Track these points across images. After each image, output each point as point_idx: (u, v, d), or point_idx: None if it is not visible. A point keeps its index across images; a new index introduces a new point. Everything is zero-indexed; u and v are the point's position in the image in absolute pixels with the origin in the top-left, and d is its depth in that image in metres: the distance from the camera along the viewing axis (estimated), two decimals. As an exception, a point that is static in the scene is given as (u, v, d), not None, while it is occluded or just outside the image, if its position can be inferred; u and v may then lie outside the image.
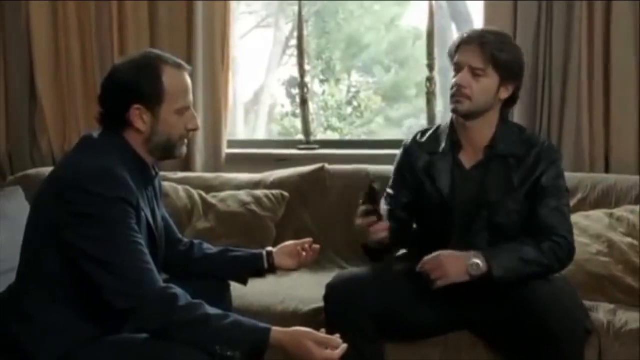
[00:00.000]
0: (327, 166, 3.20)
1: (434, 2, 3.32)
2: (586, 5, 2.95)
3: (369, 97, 4.42)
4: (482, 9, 3.14)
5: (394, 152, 2.48)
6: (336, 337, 1.82)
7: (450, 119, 2.37)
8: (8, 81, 3.64)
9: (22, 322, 1.84)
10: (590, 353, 2.20)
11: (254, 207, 3.05)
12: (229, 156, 3.52)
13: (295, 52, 3.67)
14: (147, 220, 1.93)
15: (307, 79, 3.60)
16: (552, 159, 2.29)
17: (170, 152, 1.97)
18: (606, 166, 3.02)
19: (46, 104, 3.58)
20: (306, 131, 3.57)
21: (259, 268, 2.24)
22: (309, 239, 2.31)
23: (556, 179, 2.27)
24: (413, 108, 4.27)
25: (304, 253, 2.26)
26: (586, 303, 2.36)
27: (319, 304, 2.30)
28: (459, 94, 2.24)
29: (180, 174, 3.33)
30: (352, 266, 2.85)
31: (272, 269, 2.25)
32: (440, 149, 2.34)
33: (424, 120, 3.46)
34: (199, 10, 3.41)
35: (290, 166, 3.29)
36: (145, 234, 1.90)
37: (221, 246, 2.31)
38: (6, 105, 3.65)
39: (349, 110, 4.44)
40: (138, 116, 1.89)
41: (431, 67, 3.33)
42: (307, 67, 3.59)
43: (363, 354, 2.15)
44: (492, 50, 2.21)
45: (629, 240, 2.57)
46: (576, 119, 3.00)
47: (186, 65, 1.97)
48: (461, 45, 2.27)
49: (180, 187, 3.17)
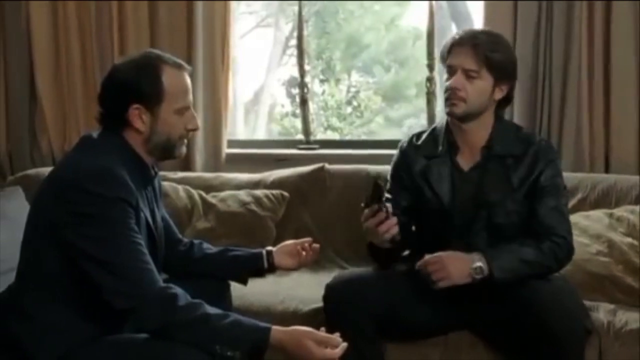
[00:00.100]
0: (327, 166, 3.20)
1: (434, 2, 3.31)
2: (586, 5, 2.95)
3: (368, 97, 4.42)
4: (482, 9, 3.13)
5: (394, 152, 2.47)
6: (336, 336, 1.82)
7: (445, 120, 2.35)
8: (8, 81, 3.63)
9: (22, 321, 1.84)
10: (590, 353, 2.20)
11: (254, 207, 3.05)
12: (229, 156, 3.52)
13: (295, 52, 3.66)
14: (146, 220, 1.93)
15: (307, 78, 3.59)
16: (549, 158, 2.28)
17: (170, 152, 1.97)
18: (606, 166, 3.01)
19: (46, 104, 3.57)
20: (306, 131, 3.57)
21: (259, 267, 2.24)
22: (309, 238, 2.31)
23: (554, 177, 2.27)
24: (413, 108, 4.27)
25: (303, 252, 2.25)
26: (586, 303, 2.35)
27: (319, 304, 2.30)
28: (453, 96, 2.22)
29: (180, 174, 3.32)
30: (353, 266, 2.85)
31: (272, 268, 2.25)
32: (438, 152, 2.32)
33: (424, 120, 3.45)
34: (199, 10, 3.40)
35: (290, 166, 3.29)
36: (144, 234, 1.89)
37: (221, 246, 2.31)
38: (6, 105, 3.64)
39: (348, 110, 4.44)
40: (137, 116, 1.89)
41: (431, 67, 3.32)
42: (307, 67, 3.59)
43: (363, 354, 2.14)
44: (485, 52, 2.19)
45: (629, 240, 2.57)
46: (576, 119, 3.00)
47: (186, 65, 1.97)
48: (453, 47, 2.24)
49: (180, 187, 3.16)
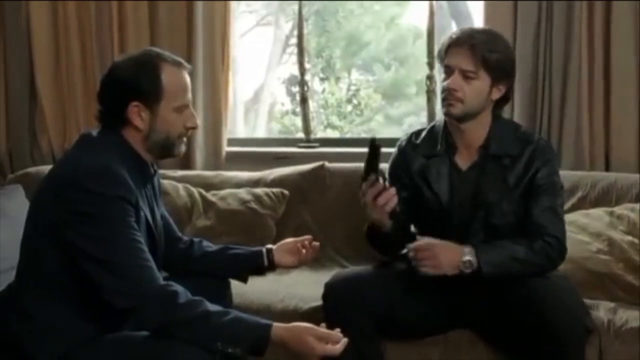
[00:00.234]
0: (327, 164, 3.20)
1: (434, 2, 3.31)
2: (586, 5, 2.95)
3: (369, 95, 4.41)
4: (482, 8, 3.13)
5: (394, 151, 2.47)
6: (337, 332, 1.82)
7: (444, 119, 2.34)
8: (8, 80, 3.63)
9: (22, 321, 1.84)
10: (590, 351, 2.20)
11: (254, 205, 3.05)
12: (229, 154, 3.52)
13: (295, 51, 3.66)
14: (146, 218, 1.93)
15: (307, 77, 3.59)
16: (546, 157, 2.26)
17: (169, 150, 1.97)
18: (606, 165, 3.01)
19: (46, 103, 3.57)
20: (306, 129, 3.57)
21: (259, 265, 2.24)
22: (309, 236, 2.30)
23: (550, 177, 2.25)
24: (413, 106, 4.27)
25: (303, 250, 2.25)
26: (587, 301, 2.35)
27: (319, 302, 2.29)
28: (450, 97, 2.21)
29: (180, 172, 3.32)
30: (353, 264, 2.85)
31: (272, 266, 2.25)
32: (436, 152, 2.31)
33: (424, 118, 3.45)
34: (198, 9, 3.40)
35: (290, 164, 3.29)
36: (144, 232, 1.89)
37: (221, 244, 2.30)
38: (6, 105, 3.64)
39: (349, 108, 4.43)
40: (136, 113, 1.89)
41: (431, 65, 3.31)
42: (307, 66, 3.59)
43: (362, 352, 2.14)
44: (483, 52, 2.18)
45: (629, 238, 2.57)
46: (576, 119, 3.00)
47: (186, 64, 1.96)
48: (451, 47, 2.23)
49: (180, 185, 3.16)
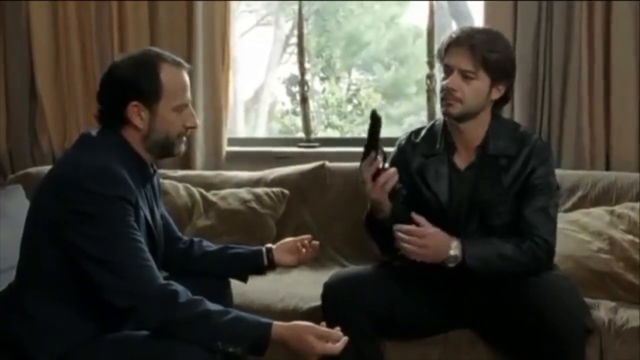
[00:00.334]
0: (328, 164, 3.20)
1: (434, 2, 3.31)
2: (586, 5, 2.94)
3: (369, 95, 4.41)
4: (482, 8, 3.13)
5: (393, 149, 2.47)
6: (337, 331, 1.82)
7: (443, 118, 2.33)
8: (8, 80, 3.63)
9: (22, 320, 1.84)
10: (591, 351, 2.20)
11: (254, 204, 3.05)
12: (229, 154, 3.52)
13: (296, 50, 3.66)
14: (145, 218, 1.93)
15: (308, 77, 3.59)
16: (543, 157, 2.25)
17: (169, 149, 1.97)
18: (607, 165, 3.01)
19: (46, 103, 3.57)
20: (306, 129, 3.56)
21: (259, 265, 2.24)
22: (308, 235, 2.31)
23: (546, 177, 2.24)
24: (413, 106, 4.27)
25: (303, 249, 2.25)
26: (587, 301, 2.35)
27: (319, 301, 2.29)
28: (449, 97, 2.20)
29: (180, 172, 3.32)
30: (353, 264, 2.85)
31: (272, 265, 2.25)
32: (435, 151, 2.31)
33: (424, 117, 3.45)
34: (199, 9, 3.40)
35: (291, 164, 3.29)
36: (144, 232, 1.89)
37: (221, 244, 2.30)
38: (6, 104, 3.64)
39: (349, 108, 4.44)
40: (136, 113, 1.89)
41: (431, 64, 3.30)
42: (307, 65, 3.59)
43: (362, 352, 2.15)
44: (482, 52, 2.16)
45: (629, 237, 2.57)
46: (576, 119, 3.00)
47: (185, 64, 1.96)
48: (450, 47, 2.22)
49: (180, 185, 3.16)
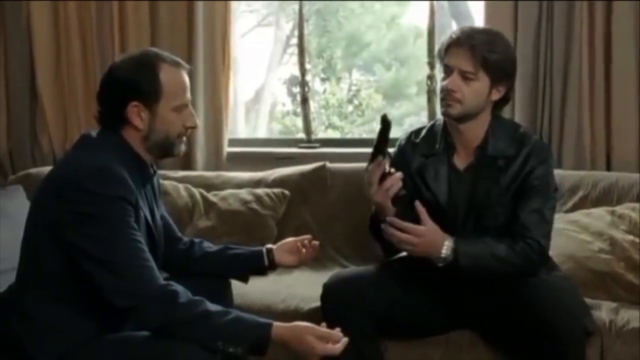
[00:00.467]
0: (328, 164, 3.19)
1: (434, 2, 3.31)
2: (587, 5, 2.94)
3: (369, 96, 4.41)
4: (483, 8, 3.13)
5: (394, 150, 2.47)
6: (337, 331, 1.82)
7: (443, 118, 2.33)
8: (9, 80, 3.63)
9: (23, 321, 1.84)
10: (592, 352, 2.20)
11: (255, 205, 3.05)
12: (230, 155, 3.51)
13: (296, 51, 3.65)
14: (145, 218, 1.93)
15: (308, 77, 3.59)
16: (542, 158, 2.23)
17: (169, 150, 1.97)
18: (607, 165, 3.01)
19: (47, 103, 3.57)
20: (307, 130, 3.56)
21: (260, 265, 2.24)
22: (308, 235, 2.31)
23: (544, 178, 2.22)
24: (414, 106, 4.27)
25: (303, 250, 2.25)
26: (588, 301, 2.36)
27: (320, 302, 2.29)
28: (449, 97, 2.19)
29: (181, 173, 3.32)
30: (353, 264, 2.86)
31: (273, 266, 2.25)
32: (435, 151, 2.30)
33: (424, 118, 3.45)
34: (199, 9, 3.40)
35: (291, 164, 3.29)
36: (144, 232, 1.89)
37: (221, 244, 2.30)
38: (7, 104, 3.64)
39: (349, 108, 4.44)
40: (136, 113, 1.89)
41: (432, 64, 3.30)
42: (307, 66, 3.59)
43: (362, 353, 2.15)
44: (483, 53, 2.15)
45: (630, 237, 2.57)
46: (577, 119, 3.00)
47: (184, 64, 1.97)
48: (450, 47, 2.21)
49: (181, 186, 3.16)
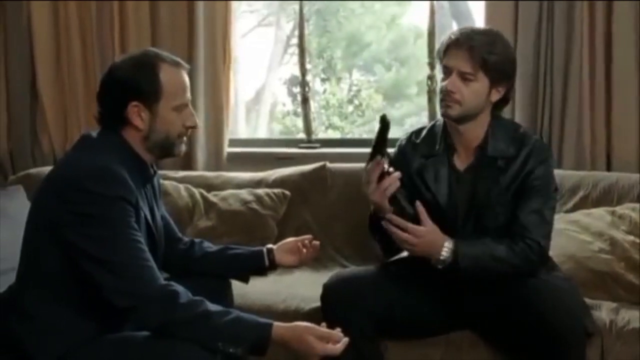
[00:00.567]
0: (329, 165, 3.19)
1: (434, 2, 3.31)
2: (587, 5, 2.94)
3: (370, 96, 4.42)
4: (483, 8, 3.13)
5: (394, 150, 2.47)
6: (337, 331, 1.82)
7: (443, 119, 2.33)
8: (9, 80, 3.63)
9: (23, 321, 1.84)
10: (592, 352, 2.20)
11: (255, 205, 3.05)
12: (230, 155, 3.51)
13: (296, 51, 3.65)
14: (145, 219, 1.93)
15: (308, 77, 3.59)
16: (541, 159, 2.23)
17: (169, 150, 1.97)
18: (608, 165, 3.01)
19: (47, 103, 3.57)
20: (307, 130, 3.56)
21: (260, 265, 2.24)
22: (309, 235, 2.31)
23: (543, 178, 2.22)
24: (414, 106, 4.27)
25: (304, 250, 2.25)
26: (588, 301, 2.36)
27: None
28: (448, 99, 2.19)
29: (181, 173, 3.32)
30: (354, 264, 2.86)
31: (273, 266, 2.25)
32: (435, 152, 2.30)
33: (425, 118, 3.45)
34: (200, 9, 3.40)
35: (292, 165, 3.29)
36: (144, 232, 1.89)
37: (222, 244, 2.30)
38: (7, 104, 3.64)
39: (350, 108, 4.44)
40: (136, 113, 1.89)
41: (432, 65, 3.30)
42: (308, 66, 3.59)
43: (362, 353, 2.15)
44: (482, 54, 2.15)
45: (630, 238, 2.57)
46: (577, 119, 3.00)
47: (184, 64, 1.97)
48: (449, 48, 2.20)
49: (181, 186, 3.16)
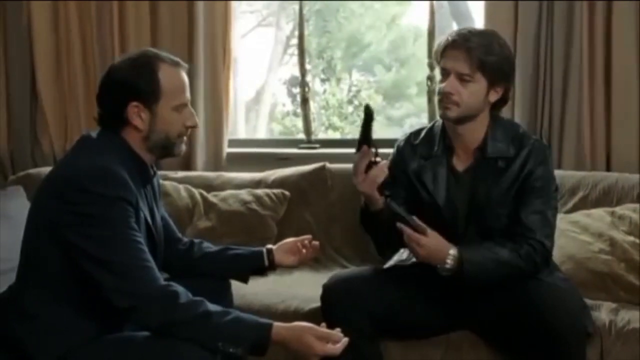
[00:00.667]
0: (328, 165, 3.19)
1: (434, 2, 3.31)
2: (587, 5, 2.94)
3: (369, 96, 4.42)
4: (483, 8, 3.12)
5: (393, 150, 2.46)
6: (337, 332, 1.82)
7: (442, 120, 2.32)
8: (9, 80, 3.63)
9: (23, 321, 1.84)
10: (592, 352, 2.20)
11: (255, 206, 3.05)
12: (230, 155, 3.51)
13: (296, 51, 3.66)
14: (145, 219, 1.93)
15: (308, 78, 3.59)
16: (541, 158, 2.22)
17: (169, 150, 1.97)
18: (607, 165, 3.01)
19: (47, 103, 3.57)
20: (307, 130, 3.56)
21: (260, 265, 2.23)
22: (309, 235, 2.31)
23: (544, 178, 2.22)
24: (414, 107, 4.28)
25: (303, 250, 2.25)
26: (588, 302, 2.36)
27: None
28: (446, 100, 2.18)
29: (181, 173, 3.32)
30: (353, 265, 2.86)
31: (273, 266, 2.24)
32: (433, 153, 2.29)
33: (424, 119, 3.45)
34: (199, 9, 3.40)
35: (291, 165, 3.29)
36: (144, 233, 1.89)
37: (221, 245, 2.30)
38: (7, 105, 3.64)
39: (349, 109, 4.44)
40: (136, 114, 1.89)
41: (432, 65, 3.30)
42: (308, 66, 3.59)
43: (362, 353, 2.14)
44: (479, 55, 2.14)
45: (630, 238, 2.57)
46: (577, 119, 3.00)
47: (183, 63, 1.97)
48: (447, 50, 2.19)
49: (181, 186, 3.16)
